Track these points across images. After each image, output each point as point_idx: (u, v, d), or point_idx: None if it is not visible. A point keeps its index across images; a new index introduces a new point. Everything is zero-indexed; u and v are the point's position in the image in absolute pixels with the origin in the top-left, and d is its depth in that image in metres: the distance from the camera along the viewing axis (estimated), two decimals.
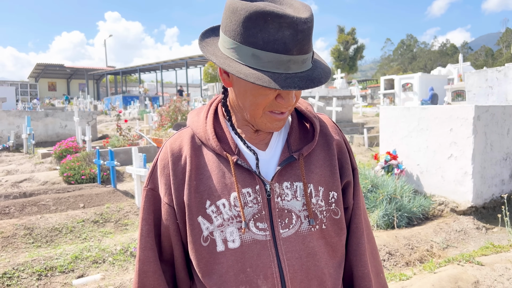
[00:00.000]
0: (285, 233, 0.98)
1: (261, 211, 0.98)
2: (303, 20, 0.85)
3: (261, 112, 0.95)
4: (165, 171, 1.04)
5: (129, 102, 30.25)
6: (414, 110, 5.73)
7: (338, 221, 1.04)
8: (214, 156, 1.02)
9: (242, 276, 0.96)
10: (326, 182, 1.03)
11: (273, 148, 1.04)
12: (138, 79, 41.26)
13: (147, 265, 1.06)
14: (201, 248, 0.99)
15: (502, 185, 5.43)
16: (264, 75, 0.86)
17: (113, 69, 41.74)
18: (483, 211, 5.20)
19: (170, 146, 1.06)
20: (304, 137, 1.07)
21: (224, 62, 0.91)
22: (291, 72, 0.88)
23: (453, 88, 19.47)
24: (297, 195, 1.00)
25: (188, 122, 1.11)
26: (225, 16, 0.93)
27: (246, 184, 0.98)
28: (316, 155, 1.05)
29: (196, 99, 28.35)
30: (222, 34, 0.95)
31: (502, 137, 5.39)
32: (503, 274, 3.35)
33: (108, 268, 4.01)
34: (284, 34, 0.85)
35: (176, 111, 14.42)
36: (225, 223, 0.98)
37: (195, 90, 43.61)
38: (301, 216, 0.99)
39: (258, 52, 0.87)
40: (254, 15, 0.85)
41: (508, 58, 48.25)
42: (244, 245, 0.97)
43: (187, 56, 32.14)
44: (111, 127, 18.12)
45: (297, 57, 0.87)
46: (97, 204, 6.02)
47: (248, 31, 0.87)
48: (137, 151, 5.83)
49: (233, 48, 0.90)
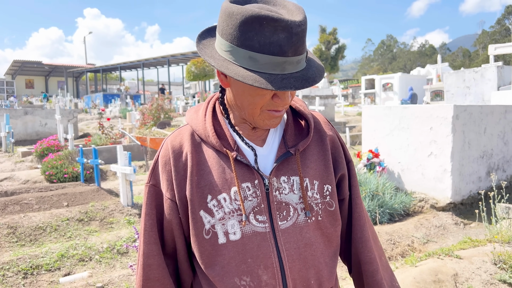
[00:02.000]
0: (284, 225, 1.03)
1: (260, 204, 1.02)
2: (297, 23, 0.89)
3: (258, 111, 1.00)
4: (166, 167, 1.08)
5: (110, 101, 29.88)
6: (396, 109, 5.87)
7: (333, 212, 1.10)
8: (214, 152, 1.06)
9: (244, 267, 1.01)
10: (321, 176, 1.09)
11: (270, 144, 1.09)
12: (119, 77, 40.76)
13: (151, 259, 1.09)
14: (204, 241, 1.04)
15: (479, 181, 5.63)
16: (261, 77, 0.90)
17: (93, 66, 41.12)
18: (461, 207, 5.38)
19: (171, 143, 1.10)
20: (299, 133, 1.11)
21: (222, 65, 0.94)
22: (287, 73, 0.92)
23: (432, 88, 19.89)
24: (294, 189, 1.05)
25: (187, 119, 1.14)
26: (221, 19, 0.96)
27: (245, 178, 1.03)
28: (310, 150, 1.10)
29: (178, 97, 28.19)
30: (218, 37, 0.98)
31: (479, 136, 5.58)
32: (481, 267, 3.49)
33: (95, 266, 4.01)
34: (279, 37, 0.89)
35: (159, 110, 14.36)
36: (226, 216, 1.02)
37: (177, 88, 43.34)
38: (298, 209, 1.04)
39: (254, 55, 0.91)
40: (250, 19, 0.89)
41: (485, 59, 49.43)
42: (245, 237, 1.01)
43: (169, 54, 31.92)
44: (92, 125, 17.90)
45: (292, 58, 0.91)
46: (81, 203, 5.98)
47: (244, 35, 0.91)
48: (122, 149, 5.82)
49: (230, 51, 0.94)
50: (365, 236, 1.16)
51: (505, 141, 6.07)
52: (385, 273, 1.19)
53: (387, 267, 1.21)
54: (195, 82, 33.82)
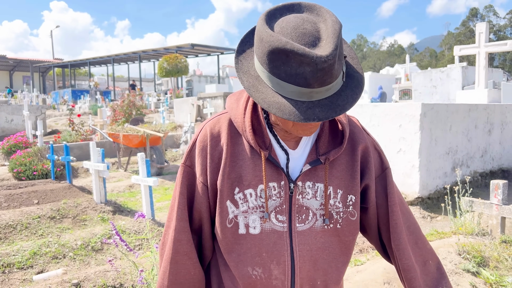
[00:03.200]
0: (301, 227, 1.09)
1: (282, 205, 1.08)
2: (323, 59, 0.86)
3: (291, 126, 1.01)
4: (202, 153, 1.12)
5: (78, 97, 29.18)
6: (367, 107, 6.04)
7: (354, 222, 1.13)
8: (248, 146, 1.09)
9: (258, 259, 1.08)
10: (346, 186, 1.12)
11: (302, 148, 1.12)
12: (88, 72, 39.82)
13: (182, 234, 1.14)
14: (226, 229, 1.10)
15: (445, 177, 5.88)
16: (286, 105, 0.90)
17: (60, 61, 39.99)
18: (428, 201, 5.60)
19: (210, 130, 1.13)
20: (333, 141, 1.12)
21: (253, 85, 0.96)
22: (314, 99, 0.91)
23: (401, 87, 20.42)
24: (317, 195, 1.09)
25: (228, 107, 1.15)
26: (255, 40, 0.97)
27: (273, 178, 1.07)
28: (340, 159, 1.12)
29: (150, 94, 27.81)
30: (255, 55, 0.99)
31: (445, 133, 5.82)
32: (446, 257, 3.67)
33: (69, 263, 3.97)
34: (305, 70, 0.88)
35: (131, 106, 14.16)
36: (249, 210, 1.08)
37: (148, 85, 42.73)
38: (317, 214, 1.09)
39: (281, 83, 0.91)
40: (277, 51, 0.89)
41: (450, 59, 51.09)
42: (263, 233, 1.08)
43: (140, 50, 31.44)
44: (61, 122, 17.46)
45: (319, 89, 0.91)
46: (53, 200, 5.88)
47: (272, 63, 0.91)
48: (95, 145, 5.75)
49: (263, 72, 0.95)
50: (402, 244, 1.17)
51: (469, 139, 6.35)
52: (428, 278, 1.20)
53: (434, 271, 1.22)
54: (167, 79, 33.46)
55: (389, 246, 1.21)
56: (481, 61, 8.83)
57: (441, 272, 1.22)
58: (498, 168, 7.13)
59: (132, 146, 8.60)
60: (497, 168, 7.10)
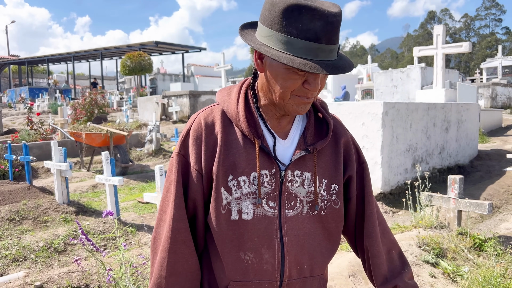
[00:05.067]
0: (289, 214, 1.15)
1: (273, 192, 1.13)
2: (333, 14, 0.99)
3: (289, 95, 1.07)
4: (197, 141, 1.15)
5: (37, 95, 28.06)
6: (331, 106, 6.18)
7: (337, 210, 1.20)
8: (241, 135, 1.14)
9: (250, 244, 1.13)
10: (330, 176, 1.19)
11: (291, 138, 1.19)
12: (47, 70, 38.38)
13: (180, 223, 1.15)
14: (220, 215, 1.13)
15: (406, 173, 6.10)
16: (296, 59, 0.99)
17: (16, 58, 38.32)
18: (390, 197, 5.80)
19: (205, 119, 1.17)
20: (319, 133, 1.21)
21: (261, 47, 1.04)
22: (319, 59, 1.00)
23: (363, 87, 20.93)
24: (304, 183, 1.16)
25: (219, 99, 1.21)
26: (264, 9, 1.07)
27: (265, 166, 1.13)
28: (324, 151, 1.20)
29: (112, 92, 27.15)
30: (260, 25, 1.08)
31: (406, 131, 6.05)
32: (407, 250, 3.82)
33: (31, 266, 3.85)
34: (316, 25, 0.98)
35: (93, 105, 13.79)
36: (243, 197, 1.12)
37: (111, 83, 41.66)
38: (303, 201, 1.16)
39: (291, 39, 1.00)
40: (291, 7, 0.99)
41: (410, 60, 52.83)
42: (256, 218, 1.12)
43: (102, 47, 30.61)
44: (18, 121, 16.78)
45: (325, 46, 1.00)
46: (11, 201, 5.65)
47: (284, 21, 1.00)
48: (57, 144, 5.59)
49: (270, 36, 1.03)
50: (374, 232, 1.26)
51: (428, 136, 6.62)
52: (392, 265, 1.28)
53: (397, 259, 1.30)
54: (130, 77, 32.75)
55: (360, 235, 1.29)
56: (438, 62, 9.21)
57: (403, 260, 1.31)
58: (454, 164, 7.47)
59: (95, 145, 8.39)
60: (453, 164, 7.44)
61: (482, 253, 3.90)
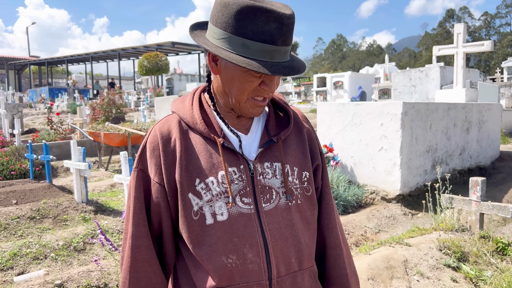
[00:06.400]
0: (267, 207, 1.11)
1: (246, 187, 1.10)
2: (287, 16, 0.99)
3: (245, 98, 1.07)
4: (155, 152, 1.13)
5: (56, 95, 28.56)
6: (349, 106, 6.12)
7: (309, 197, 1.19)
8: (201, 138, 1.12)
9: (230, 246, 1.07)
10: (300, 163, 1.18)
11: (254, 132, 1.17)
12: (66, 70, 39.04)
13: (140, 240, 1.13)
14: (192, 222, 1.09)
15: (425, 174, 6.00)
16: (253, 62, 0.98)
17: (37, 59, 39.06)
18: (409, 199, 5.71)
19: (160, 130, 1.15)
20: (280, 124, 1.21)
21: (217, 50, 1.02)
22: (275, 61, 1.01)
23: (380, 86, 20.73)
24: (276, 174, 1.13)
25: (173, 109, 1.20)
26: (216, 10, 1.05)
27: (232, 163, 1.10)
28: (290, 139, 1.19)
29: (130, 92, 27.46)
30: (212, 26, 1.06)
31: (425, 132, 5.94)
32: (428, 253, 3.75)
33: (51, 264, 3.90)
34: (271, 27, 0.98)
35: (111, 105, 13.94)
36: (214, 198, 1.08)
37: (128, 83, 42.16)
38: (279, 192, 1.12)
39: (247, 42, 0.99)
40: (245, 9, 0.98)
41: (428, 59, 52.07)
42: (232, 218, 1.08)
43: (120, 48, 31.01)
44: (38, 120, 17.08)
45: (281, 48, 1.00)
46: (32, 200, 5.75)
47: (238, 23, 0.99)
48: (76, 144, 5.66)
49: (224, 39, 1.02)
50: (332, 223, 1.25)
51: (448, 137, 6.50)
52: (348, 258, 1.28)
53: (349, 253, 1.31)
54: (147, 77, 33.08)
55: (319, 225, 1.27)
56: (459, 61, 9.03)
57: (351, 256, 1.33)
58: (475, 165, 7.31)
59: (113, 145, 8.48)
60: (474, 165, 7.29)
61: (505, 257, 3.80)
